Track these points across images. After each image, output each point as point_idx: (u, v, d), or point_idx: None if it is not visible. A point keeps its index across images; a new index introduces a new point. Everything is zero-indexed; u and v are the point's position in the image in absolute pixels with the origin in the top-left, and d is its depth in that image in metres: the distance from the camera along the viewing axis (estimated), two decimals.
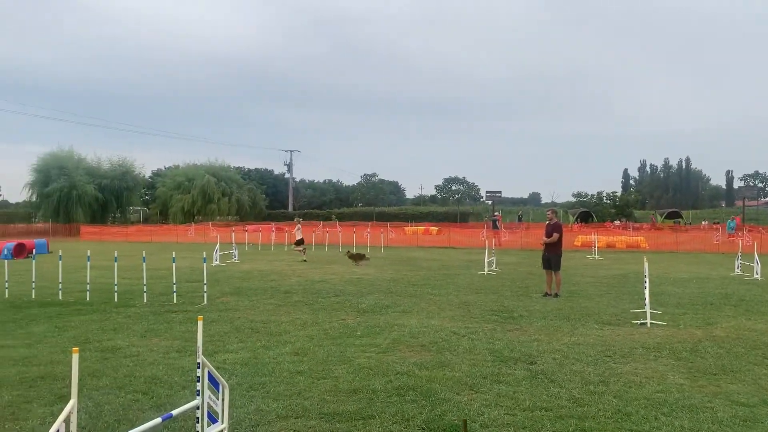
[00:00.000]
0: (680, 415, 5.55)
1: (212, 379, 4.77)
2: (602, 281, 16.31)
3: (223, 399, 4.95)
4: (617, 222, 53.65)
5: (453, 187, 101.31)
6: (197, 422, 4.63)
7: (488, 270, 18.33)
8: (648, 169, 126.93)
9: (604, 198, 64.52)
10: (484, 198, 75.88)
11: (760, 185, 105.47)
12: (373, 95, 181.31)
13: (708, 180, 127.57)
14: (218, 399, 4.88)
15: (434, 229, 45.11)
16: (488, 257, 18.80)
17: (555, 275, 13.44)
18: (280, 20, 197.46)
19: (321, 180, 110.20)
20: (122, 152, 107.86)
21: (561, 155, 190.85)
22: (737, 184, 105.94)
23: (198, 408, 4.61)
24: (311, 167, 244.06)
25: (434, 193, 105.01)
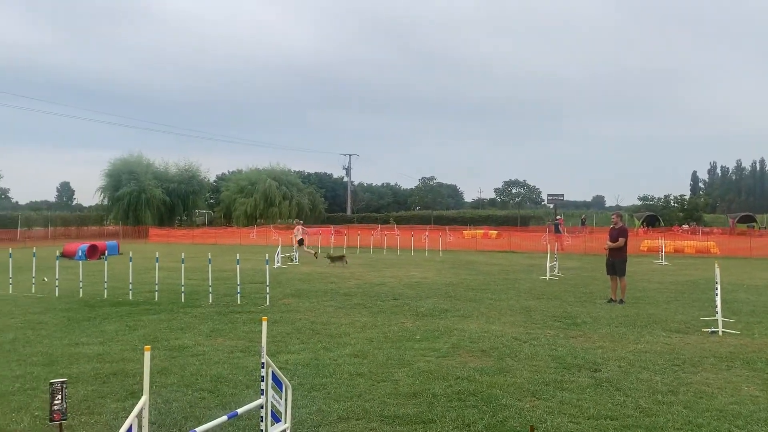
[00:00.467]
0: (755, 429, 5.30)
1: (276, 379, 4.86)
2: (670, 287, 15.75)
3: (286, 399, 5.04)
4: (686, 226, 51.72)
5: (513, 191, 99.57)
6: (261, 421, 4.73)
7: (550, 275, 17.99)
8: (719, 172, 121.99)
9: (672, 201, 62.38)
10: (546, 201, 74.51)
11: None
12: (432, 98, 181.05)
13: None
14: (281, 399, 4.97)
15: (493, 233, 44.63)
16: (550, 262, 18.45)
17: (620, 281, 13.07)
18: (340, 25, 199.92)
19: (379, 183, 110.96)
20: (189, 157, 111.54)
21: (626, 157, 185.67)
22: None
23: (262, 407, 4.70)
24: (369, 171, 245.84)
25: (493, 197, 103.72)
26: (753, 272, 20.61)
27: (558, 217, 47.95)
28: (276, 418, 4.90)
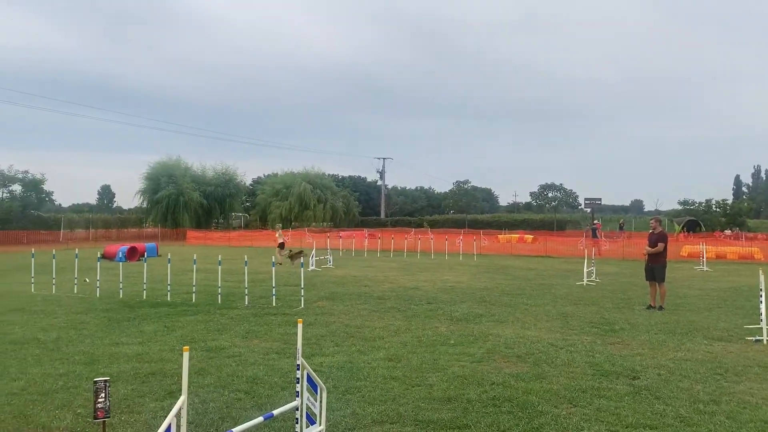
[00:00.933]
0: None
1: (311, 382, 4.90)
2: (711, 294, 15.36)
3: (321, 401, 5.07)
4: (728, 231, 50.35)
5: (549, 194, 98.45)
6: (296, 423, 4.77)
7: (587, 280, 17.72)
8: (763, 176, 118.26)
9: (713, 206, 60.76)
10: (583, 206, 73.31)
11: None
12: (466, 101, 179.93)
13: None
14: (316, 401, 5.00)
15: (529, 237, 44.13)
16: (587, 267, 18.17)
17: (659, 287, 12.81)
18: (374, 29, 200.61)
19: (413, 187, 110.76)
20: (226, 160, 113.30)
21: (666, 160, 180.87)
22: None
23: (297, 409, 4.74)
24: (403, 174, 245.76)
25: (529, 200, 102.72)
26: None
27: (595, 222, 47.18)
28: (311, 420, 4.94)
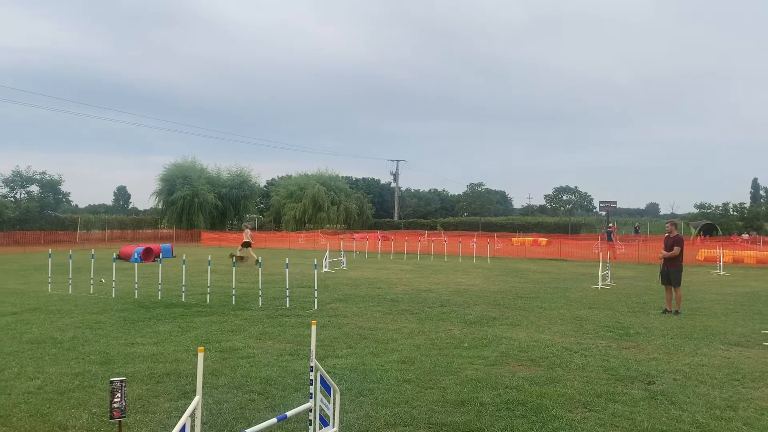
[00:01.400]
0: None
1: (324, 383, 4.90)
2: (728, 299, 15.19)
3: (334, 403, 5.07)
4: (745, 235, 49.77)
5: (564, 197, 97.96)
6: (309, 425, 4.77)
7: (602, 284, 17.59)
8: None
9: (731, 209, 60.13)
10: (598, 209, 72.98)
11: None
12: (480, 103, 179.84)
13: None
14: (330, 403, 5.01)
15: (543, 240, 43.95)
16: (602, 271, 18.06)
17: (675, 291, 12.69)
18: (388, 31, 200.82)
19: (426, 189, 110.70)
20: (240, 162, 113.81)
21: (682, 163, 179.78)
22: None
23: (311, 411, 4.75)
24: (417, 176, 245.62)
25: (543, 203, 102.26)
26: None
27: (610, 225, 46.93)
28: (324, 422, 4.94)
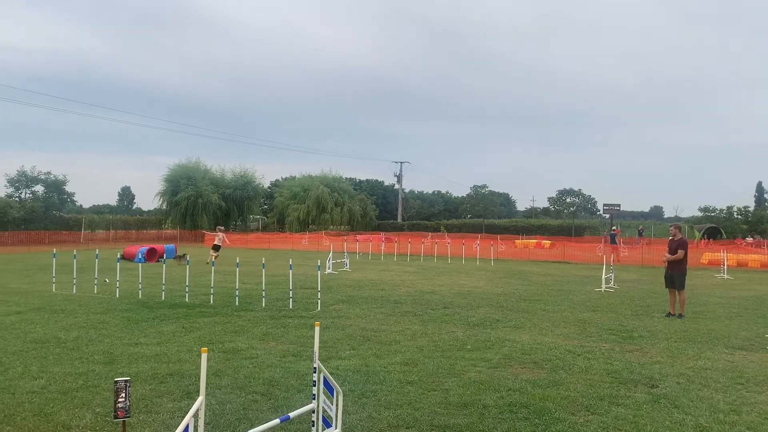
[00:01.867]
0: None
1: (327, 385, 4.91)
2: (732, 302, 15.15)
3: (337, 404, 5.08)
4: (749, 239, 49.63)
5: (567, 200, 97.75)
6: (312, 426, 4.78)
7: (606, 287, 17.57)
8: None
9: (735, 213, 59.98)
10: (602, 211, 72.79)
11: None
12: (485, 105, 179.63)
13: None
14: (332, 404, 5.01)
15: (546, 243, 43.91)
16: (606, 273, 18.03)
17: (679, 294, 12.67)
18: (391, 32, 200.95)
19: (430, 191, 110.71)
20: (244, 163, 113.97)
21: (686, 166, 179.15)
22: None
23: (314, 412, 4.76)
24: (420, 178, 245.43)
25: (547, 206, 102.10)
26: None
27: (614, 228, 46.83)
28: (327, 423, 4.95)
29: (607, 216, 62.61)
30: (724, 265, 24.85)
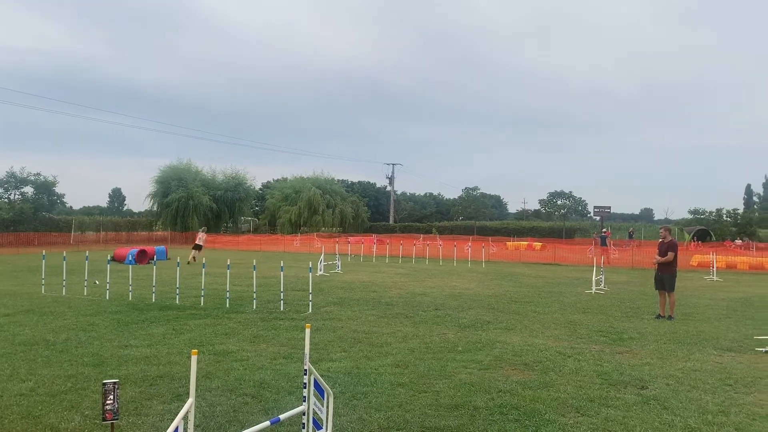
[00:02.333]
0: None
1: (318, 387, 4.90)
2: (721, 304, 15.25)
3: (328, 406, 5.07)
4: (738, 241, 50.02)
5: (558, 202, 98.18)
6: (303, 428, 4.77)
7: (596, 289, 17.64)
8: None
9: (724, 215, 60.42)
10: (592, 213, 73.25)
11: None
12: (477, 108, 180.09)
13: None
14: (323, 406, 5.00)
15: (537, 245, 44.06)
16: (596, 275, 18.11)
17: (669, 296, 12.74)
18: (384, 34, 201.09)
19: (422, 193, 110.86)
20: (236, 165, 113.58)
21: (676, 169, 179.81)
22: None
23: (304, 414, 4.75)
24: (412, 180, 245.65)
25: (538, 208, 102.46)
26: None
27: (604, 230, 47.12)
28: (317, 426, 4.94)
29: (598, 218, 63.05)
30: (714, 267, 25.02)
